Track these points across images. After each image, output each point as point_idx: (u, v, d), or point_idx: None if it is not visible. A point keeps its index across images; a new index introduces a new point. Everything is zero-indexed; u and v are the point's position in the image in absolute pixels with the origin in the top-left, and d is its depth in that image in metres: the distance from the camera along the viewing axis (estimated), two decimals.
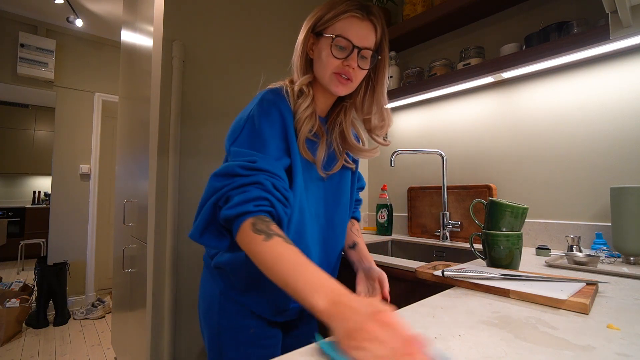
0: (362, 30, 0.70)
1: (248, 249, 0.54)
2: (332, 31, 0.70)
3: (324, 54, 0.71)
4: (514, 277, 0.71)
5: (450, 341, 0.43)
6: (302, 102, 0.71)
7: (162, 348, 1.24)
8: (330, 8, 0.71)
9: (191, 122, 1.35)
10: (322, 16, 0.72)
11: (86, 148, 3.13)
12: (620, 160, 1.12)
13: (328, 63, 0.71)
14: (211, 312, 0.75)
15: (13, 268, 4.67)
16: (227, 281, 0.74)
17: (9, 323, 2.34)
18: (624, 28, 0.83)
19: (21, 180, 5.57)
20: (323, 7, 0.72)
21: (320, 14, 0.72)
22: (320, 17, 0.72)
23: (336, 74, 0.71)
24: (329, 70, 0.71)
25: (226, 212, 0.55)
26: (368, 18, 0.71)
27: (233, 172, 0.59)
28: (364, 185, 1.03)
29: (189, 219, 1.32)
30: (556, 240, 1.23)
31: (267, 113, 0.67)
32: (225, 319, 0.73)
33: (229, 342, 0.72)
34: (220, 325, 0.73)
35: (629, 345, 0.41)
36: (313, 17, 0.73)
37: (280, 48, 1.65)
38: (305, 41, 0.74)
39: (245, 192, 0.57)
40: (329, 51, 0.70)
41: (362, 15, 0.70)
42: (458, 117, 1.57)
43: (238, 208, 0.55)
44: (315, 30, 0.73)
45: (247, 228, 0.54)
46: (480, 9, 1.42)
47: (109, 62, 3.26)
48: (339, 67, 0.71)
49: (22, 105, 5.22)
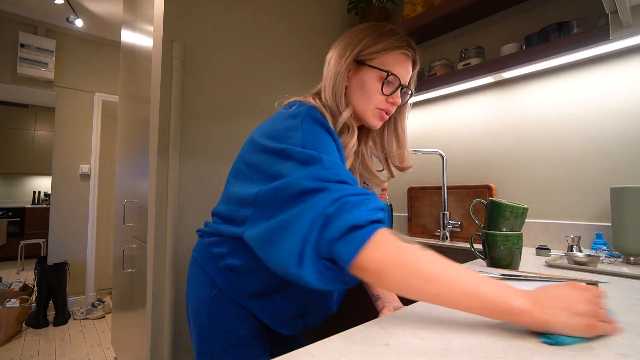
0: (408, 68, 0.70)
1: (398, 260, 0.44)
2: (380, 64, 0.67)
3: (369, 86, 0.68)
4: (514, 277, 0.71)
5: (451, 341, 0.43)
6: (349, 139, 0.67)
7: (162, 348, 1.24)
8: (379, 39, 0.68)
9: (191, 122, 1.35)
10: (369, 46, 0.68)
11: (86, 148, 3.13)
12: (620, 160, 1.12)
13: (374, 98, 0.68)
14: (200, 313, 0.72)
15: (13, 268, 4.67)
16: (231, 283, 0.70)
17: (9, 323, 2.34)
18: (624, 28, 0.83)
19: (21, 180, 5.57)
20: (368, 35, 0.69)
21: (368, 42, 0.68)
22: (367, 46, 0.68)
23: (379, 110, 0.69)
24: (372, 104, 0.69)
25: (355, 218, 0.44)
26: (414, 57, 0.71)
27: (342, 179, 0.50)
28: None
29: (189, 219, 1.32)
30: (556, 240, 1.23)
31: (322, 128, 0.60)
32: (214, 320, 0.71)
33: (218, 343, 0.70)
34: (209, 327, 0.71)
35: (629, 345, 0.41)
36: (357, 44, 0.68)
37: (281, 48, 1.65)
38: (347, 68, 0.68)
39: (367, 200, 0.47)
40: (378, 86, 0.67)
41: (411, 54, 0.70)
42: (458, 117, 1.57)
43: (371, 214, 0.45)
44: (357, 58, 0.68)
45: (390, 236, 0.45)
46: (480, 9, 1.42)
47: (109, 62, 3.26)
48: (383, 103, 0.69)
49: (22, 105, 5.22)
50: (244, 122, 1.49)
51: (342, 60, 0.68)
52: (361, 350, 0.41)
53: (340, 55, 0.69)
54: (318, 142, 0.56)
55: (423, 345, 0.42)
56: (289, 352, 0.41)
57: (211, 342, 0.71)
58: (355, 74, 0.69)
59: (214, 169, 1.39)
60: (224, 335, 0.70)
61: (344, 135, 0.67)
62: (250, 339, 0.71)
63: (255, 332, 0.72)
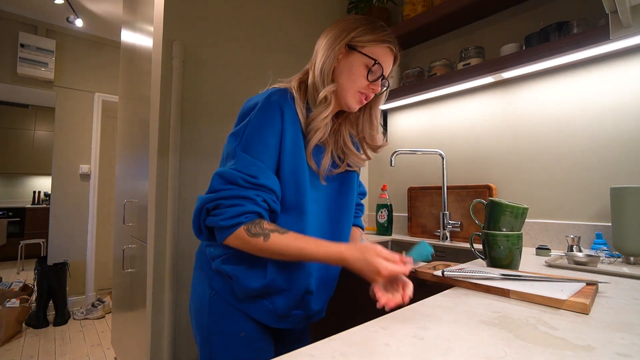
0: (390, 62, 0.78)
1: (248, 250, 0.65)
2: (369, 52, 0.74)
3: (355, 70, 0.74)
4: (514, 277, 0.71)
5: (451, 341, 0.43)
6: (322, 110, 0.72)
7: (162, 348, 1.24)
8: (371, 30, 0.74)
9: (191, 122, 1.35)
10: (362, 34, 0.73)
11: (86, 148, 3.13)
12: (620, 160, 1.12)
13: (358, 81, 0.74)
14: (201, 314, 0.75)
15: (13, 268, 4.67)
16: (225, 285, 0.73)
17: (9, 323, 2.34)
18: (624, 28, 0.83)
19: (21, 180, 5.57)
20: (362, 25, 0.74)
21: (361, 31, 0.74)
22: (361, 34, 0.73)
23: (360, 93, 0.76)
24: (355, 87, 0.75)
25: (219, 222, 0.63)
26: (396, 54, 0.78)
27: (234, 181, 0.64)
28: (365, 192, 1.03)
29: (189, 218, 1.32)
30: (556, 240, 1.23)
31: (270, 115, 0.68)
32: (214, 321, 0.73)
33: (218, 344, 0.72)
34: (210, 327, 0.73)
35: (629, 345, 0.41)
36: (351, 30, 0.74)
37: (281, 48, 1.65)
38: (339, 50, 0.74)
39: (238, 205, 0.63)
40: (364, 72, 0.74)
41: (395, 51, 0.77)
42: (458, 117, 1.58)
43: (230, 220, 0.62)
44: (350, 43, 0.74)
45: (242, 235, 0.63)
46: (480, 9, 1.42)
47: (109, 62, 3.26)
48: (365, 88, 0.75)
49: (22, 105, 5.22)
50: None
51: (336, 41, 0.74)
52: (361, 350, 0.41)
53: (335, 37, 0.74)
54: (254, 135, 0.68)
55: (423, 345, 0.42)
56: (289, 352, 0.41)
57: (211, 343, 0.72)
58: (345, 57, 0.75)
59: (214, 169, 1.39)
60: (225, 336, 0.72)
61: (321, 106, 0.73)
62: (252, 341, 0.73)
63: (256, 334, 0.73)
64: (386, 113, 1.90)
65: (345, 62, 0.74)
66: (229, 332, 0.72)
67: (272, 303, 0.72)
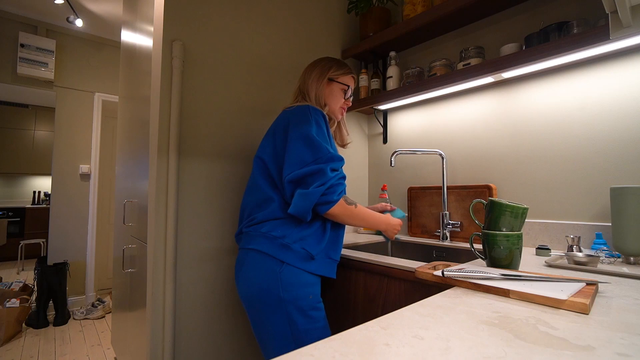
0: (354, 85, 1.23)
1: (345, 214, 0.99)
2: (343, 81, 1.18)
3: (336, 94, 1.17)
4: (514, 277, 0.71)
5: (451, 341, 0.43)
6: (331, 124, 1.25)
7: (162, 348, 1.24)
8: (340, 67, 1.18)
9: (191, 122, 1.35)
10: (335, 70, 1.17)
11: (86, 148, 3.13)
12: (620, 160, 1.12)
13: (340, 101, 1.18)
14: (274, 290, 0.93)
15: (13, 268, 4.67)
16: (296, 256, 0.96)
17: (9, 323, 2.34)
18: (624, 28, 0.83)
19: (21, 180, 5.57)
20: (334, 64, 1.17)
21: (335, 69, 1.17)
22: (334, 70, 1.17)
23: (342, 107, 1.21)
24: (338, 104, 1.19)
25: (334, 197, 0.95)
26: (355, 79, 1.25)
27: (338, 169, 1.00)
28: None
29: (189, 218, 1.32)
30: (556, 240, 1.23)
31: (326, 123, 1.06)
32: (287, 291, 0.93)
33: (296, 310, 0.93)
34: (285, 299, 0.92)
35: (629, 345, 0.41)
36: (328, 69, 1.16)
37: (281, 48, 1.65)
38: (324, 84, 1.15)
39: (342, 184, 0.99)
40: (342, 94, 1.18)
41: (354, 77, 1.24)
42: (458, 117, 1.58)
43: (339, 196, 0.97)
44: (329, 77, 1.16)
45: (343, 203, 0.98)
46: (480, 9, 1.42)
47: (109, 62, 3.26)
48: (343, 103, 1.20)
49: (22, 105, 5.22)
50: (244, 122, 1.49)
51: (321, 78, 1.16)
52: (361, 350, 0.41)
53: (319, 75, 1.16)
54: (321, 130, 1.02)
55: (423, 345, 0.42)
56: (289, 352, 0.41)
57: (288, 312, 0.93)
58: (327, 86, 1.16)
59: (213, 168, 1.39)
60: (299, 301, 0.94)
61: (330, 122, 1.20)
62: (316, 302, 0.98)
63: (317, 294, 1.00)
64: (386, 113, 1.90)
65: (329, 90, 1.16)
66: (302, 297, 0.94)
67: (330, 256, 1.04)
